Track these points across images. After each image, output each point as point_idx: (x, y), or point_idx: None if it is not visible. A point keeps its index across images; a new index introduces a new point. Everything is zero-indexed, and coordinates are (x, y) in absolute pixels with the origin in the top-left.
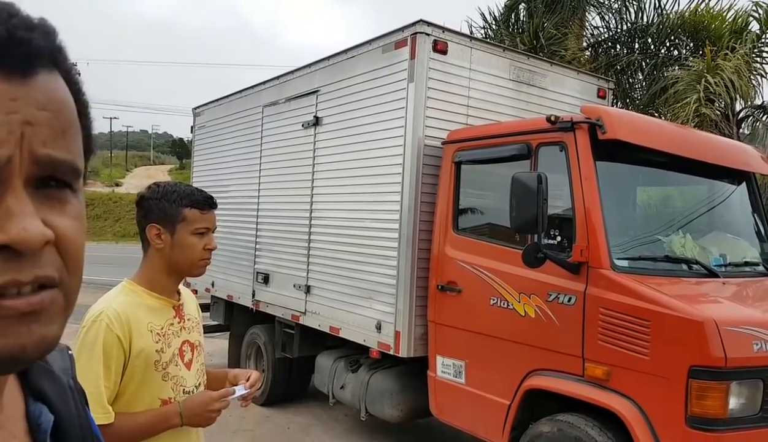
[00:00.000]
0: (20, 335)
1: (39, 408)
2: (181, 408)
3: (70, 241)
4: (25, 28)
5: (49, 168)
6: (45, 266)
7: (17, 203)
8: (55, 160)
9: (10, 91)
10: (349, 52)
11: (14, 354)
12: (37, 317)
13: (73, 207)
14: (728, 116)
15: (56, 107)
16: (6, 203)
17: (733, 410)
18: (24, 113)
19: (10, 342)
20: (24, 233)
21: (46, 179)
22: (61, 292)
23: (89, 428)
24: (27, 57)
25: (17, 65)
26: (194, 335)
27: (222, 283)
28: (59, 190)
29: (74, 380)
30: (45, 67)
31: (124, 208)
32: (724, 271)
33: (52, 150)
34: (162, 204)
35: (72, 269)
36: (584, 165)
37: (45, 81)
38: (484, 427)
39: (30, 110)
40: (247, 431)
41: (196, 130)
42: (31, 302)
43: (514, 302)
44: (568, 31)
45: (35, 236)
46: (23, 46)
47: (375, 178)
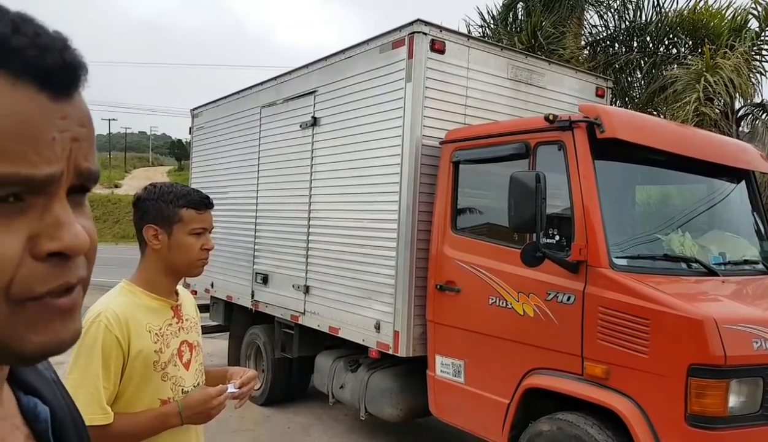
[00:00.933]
0: (60, 331)
1: (32, 401)
2: (180, 407)
3: (94, 240)
4: (68, 52)
5: (86, 179)
6: (82, 267)
7: (64, 213)
8: (91, 172)
9: (60, 111)
10: (346, 52)
11: (54, 348)
12: (72, 314)
13: (87, 208)
14: (727, 115)
15: (89, 122)
16: (55, 213)
17: (732, 409)
18: (72, 131)
19: (53, 337)
20: (76, 241)
21: (77, 188)
22: (82, 288)
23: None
24: (74, 79)
25: (67, 87)
26: (192, 336)
27: (221, 283)
28: (81, 196)
29: (55, 374)
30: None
31: (123, 209)
32: (723, 269)
33: (90, 163)
34: (158, 205)
35: (90, 265)
36: (583, 164)
37: (80, 98)
38: (484, 426)
39: (75, 128)
40: (247, 431)
41: (195, 131)
42: (71, 300)
43: (513, 302)
44: (566, 30)
45: (83, 242)
46: (73, 70)
47: (373, 178)
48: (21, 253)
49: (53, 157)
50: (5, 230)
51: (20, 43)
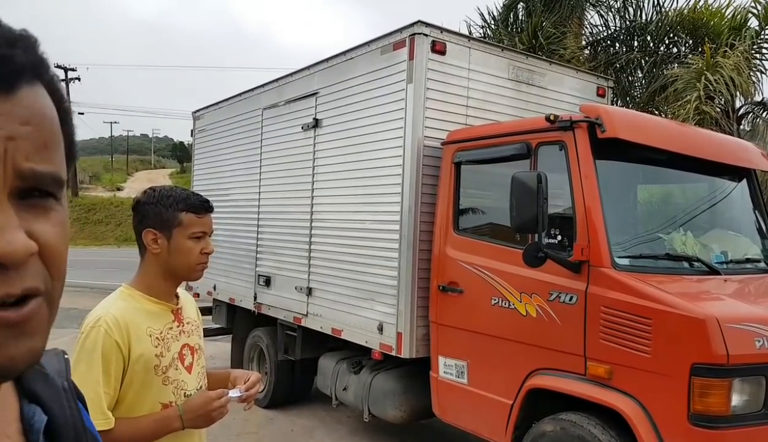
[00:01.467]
0: (8, 346)
1: (32, 409)
2: (180, 411)
3: (54, 249)
4: (6, 45)
5: (33, 181)
6: (31, 278)
7: (1, 217)
8: (38, 173)
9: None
10: (347, 54)
11: (4, 365)
12: (24, 329)
13: (57, 214)
14: (728, 113)
15: (38, 120)
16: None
17: (735, 408)
18: (7, 129)
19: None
20: (8, 247)
21: (30, 190)
22: (45, 300)
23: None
24: (9, 74)
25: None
26: (194, 339)
27: (224, 286)
28: (43, 199)
29: (69, 382)
30: (27, 81)
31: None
32: (725, 268)
33: (35, 163)
34: (158, 209)
35: (55, 276)
36: (584, 164)
37: (27, 95)
38: (487, 427)
39: (13, 126)
40: (250, 434)
41: (197, 133)
42: (21, 313)
43: (516, 302)
44: (566, 30)
45: (20, 249)
46: (5, 63)
47: (375, 179)
48: None
49: None
50: None
51: None
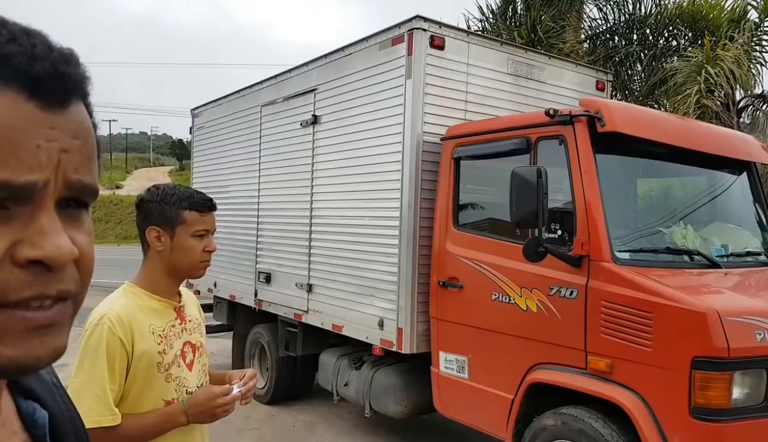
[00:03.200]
0: (35, 347)
1: (31, 405)
2: (185, 406)
3: (87, 256)
4: (64, 63)
5: (77, 191)
6: (67, 281)
7: (50, 222)
8: (83, 184)
9: (50, 120)
10: (346, 50)
11: (29, 364)
12: (50, 330)
13: (87, 224)
14: (728, 106)
15: (85, 135)
16: (40, 222)
17: (736, 400)
18: (61, 141)
19: (26, 353)
20: (58, 251)
21: (70, 200)
22: (72, 303)
23: (80, 424)
24: (66, 90)
25: (58, 97)
26: (195, 336)
27: (224, 283)
28: (78, 210)
29: (57, 379)
30: (77, 97)
31: (125, 210)
32: (725, 261)
33: (82, 176)
34: (161, 207)
35: (85, 282)
36: (584, 158)
37: (76, 110)
38: (488, 421)
39: (66, 139)
40: (252, 430)
41: (195, 131)
42: (49, 315)
43: (516, 297)
44: (565, 24)
45: (67, 253)
46: (65, 80)
47: (374, 175)
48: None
49: (35, 165)
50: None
51: (10, 51)
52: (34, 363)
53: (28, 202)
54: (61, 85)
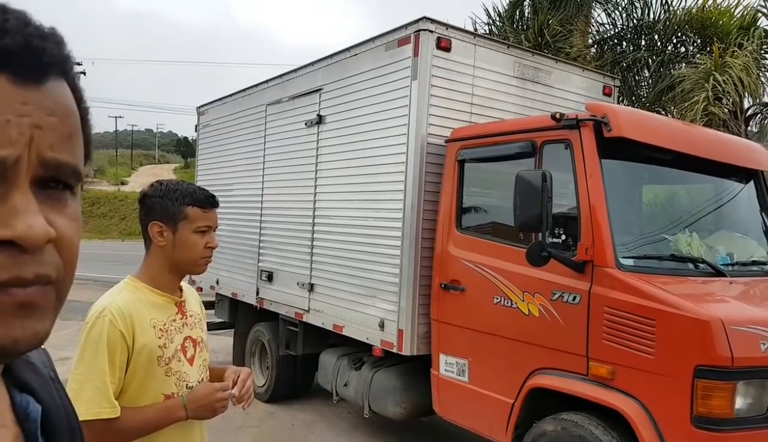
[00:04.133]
0: (14, 327)
1: (25, 399)
2: (185, 401)
3: (69, 241)
4: (39, 37)
5: (54, 170)
6: (45, 264)
7: (23, 201)
8: (60, 163)
9: (22, 96)
10: (352, 50)
11: (6, 346)
12: (31, 312)
13: (72, 209)
14: (736, 114)
15: (63, 113)
16: (12, 201)
17: (739, 410)
18: (34, 117)
19: (4, 333)
20: (29, 231)
21: (49, 180)
22: (54, 289)
23: (75, 419)
24: (40, 65)
25: (31, 72)
26: (196, 331)
27: (226, 280)
28: (60, 192)
29: (54, 372)
30: (55, 74)
31: (129, 206)
32: (731, 270)
33: (58, 153)
34: (164, 202)
35: (68, 268)
36: (589, 163)
37: (54, 88)
38: (488, 425)
39: (40, 115)
40: (251, 428)
41: (201, 128)
42: (29, 292)
43: (518, 301)
44: (573, 28)
45: (40, 233)
46: (38, 54)
47: (378, 176)
48: None
49: (5, 140)
50: None
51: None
52: (10, 344)
53: (1, 181)
54: (34, 59)
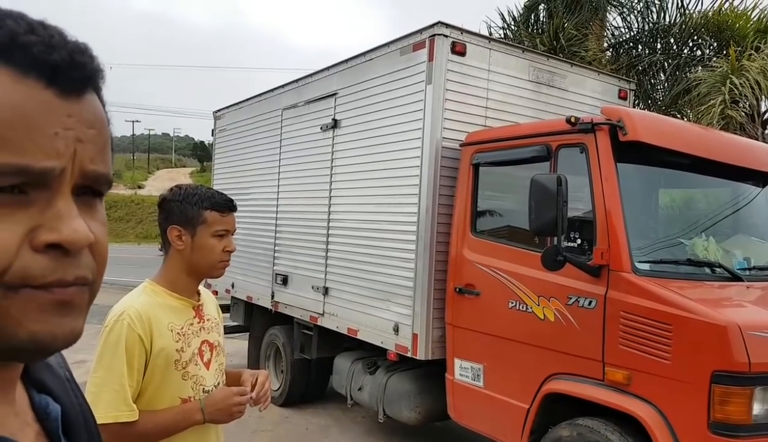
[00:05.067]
0: (53, 324)
1: (44, 399)
2: (202, 405)
3: (101, 244)
4: (79, 52)
5: (92, 180)
6: (83, 267)
7: (67, 207)
8: (98, 174)
9: (67, 109)
10: (367, 55)
11: (46, 342)
12: (69, 310)
13: (100, 214)
14: (753, 117)
15: (100, 125)
16: (57, 207)
17: (757, 416)
18: (77, 130)
19: (45, 329)
20: (74, 235)
21: (85, 189)
22: (89, 291)
23: (92, 418)
24: (83, 79)
25: (75, 86)
26: (213, 335)
27: (242, 284)
28: (92, 198)
29: (70, 373)
30: (92, 87)
31: (146, 210)
32: (748, 274)
33: (96, 166)
34: (183, 206)
35: (100, 270)
36: (605, 167)
37: (91, 101)
38: (503, 431)
39: (81, 128)
40: (266, 432)
41: (217, 133)
42: (69, 292)
43: (533, 306)
44: (588, 32)
45: (84, 237)
46: (81, 69)
47: (393, 180)
48: (19, 243)
49: (53, 152)
50: (5, 219)
51: (29, 41)
52: (50, 341)
53: (46, 188)
54: (77, 74)
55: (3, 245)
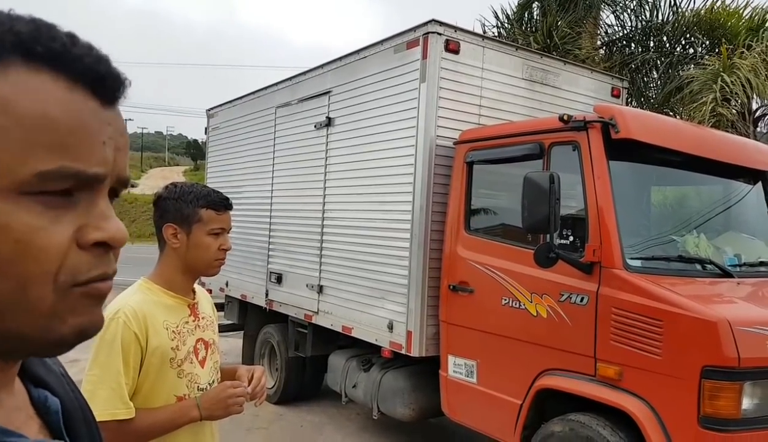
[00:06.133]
0: (92, 314)
1: (43, 393)
2: (198, 401)
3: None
4: (113, 64)
5: (122, 185)
6: (115, 262)
7: (108, 208)
8: (127, 179)
9: (108, 118)
10: (360, 53)
11: (86, 330)
12: (102, 301)
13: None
14: (745, 115)
15: (125, 132)
16: (100, 208)
17: (746, 411)
18: (116, 140)
19: (86, 320)
20: (119, 233)
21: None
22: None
23: (89, 411)
24: (117, 89)
25: (113, 96)
26: (208, 333)
27: (236, 282)
28: (113, 198)
29: (63, 368)
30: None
31: (139, 208)
32: (738, 271)
33: (127, 172)
34: (179, 204)
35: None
36: (597, 164)
37: (119, 111)
38: (496, 426)
39: (117, 136)
40: (260, 429)
41: (210, 131)
42: (108, 285)
43: (526, 302)
44: (582, 30)
45: (125, 234)
46: (117, 80)
47: (387, 178)
48: (69, 243)
49: (102, 159)
50: (56, 221)
51: (79, 52)
52: (89, 328)
53: (90, 190)
54: (116, 84)
55: (57, 244)
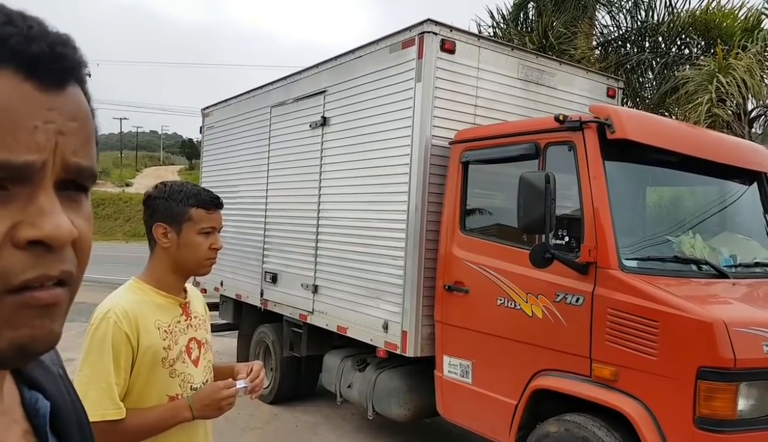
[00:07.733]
0: (35, 327)
1: (34, 396)
2: (190, 401)
3: (85, 240)
4: (61, 44)
5: (75, 174)
6: (67, 262)
7: (49, 203)
8: (81, 167)
9: (48, 101)
10: (356, 52)
11: (26, 345)
12: (50, 312)
13: (86, 209)
14: (740, 116)
15: (83, 118)
16: (39, 202)
17: (742, 412)
18: (58, 123)
19: (25, 333)
20: (57, 231)
21: (69, 183)
22: (69, 289)
23: (84, 415)
24: (64, 71)
25: (55, 78)
26: (201, 333)
27: (231, 282)
28: (77, 193)
29: (63, 370)
30: (73, 80)
31: (134, 208)
32: (734, 272)
33: (79, 158)
34: (168, 203)
35: (82, 266)
36: (593, 165)
37: (73, 93)
38: (491, 427)
39: (63, 120)
40: (255, 429)
41: (205, 130)
42: (54, 294)
43: (522, 303)
44: (577, 30)
45: (66, 233)
46: (61, 61)
47: (382, 178)
48: (0, 241)
49: (33, 146)
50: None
51: (6, 32)
52: (30, 343)
53: (27, 183)
54: (57, 66)
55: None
